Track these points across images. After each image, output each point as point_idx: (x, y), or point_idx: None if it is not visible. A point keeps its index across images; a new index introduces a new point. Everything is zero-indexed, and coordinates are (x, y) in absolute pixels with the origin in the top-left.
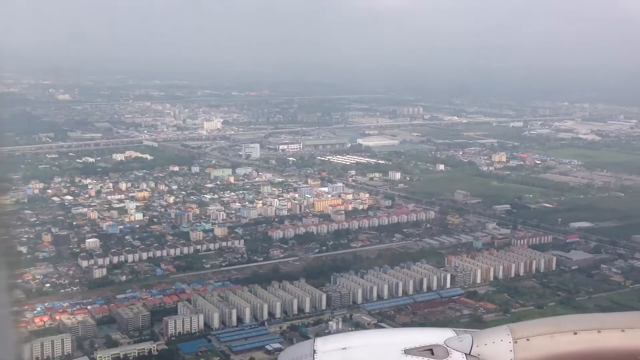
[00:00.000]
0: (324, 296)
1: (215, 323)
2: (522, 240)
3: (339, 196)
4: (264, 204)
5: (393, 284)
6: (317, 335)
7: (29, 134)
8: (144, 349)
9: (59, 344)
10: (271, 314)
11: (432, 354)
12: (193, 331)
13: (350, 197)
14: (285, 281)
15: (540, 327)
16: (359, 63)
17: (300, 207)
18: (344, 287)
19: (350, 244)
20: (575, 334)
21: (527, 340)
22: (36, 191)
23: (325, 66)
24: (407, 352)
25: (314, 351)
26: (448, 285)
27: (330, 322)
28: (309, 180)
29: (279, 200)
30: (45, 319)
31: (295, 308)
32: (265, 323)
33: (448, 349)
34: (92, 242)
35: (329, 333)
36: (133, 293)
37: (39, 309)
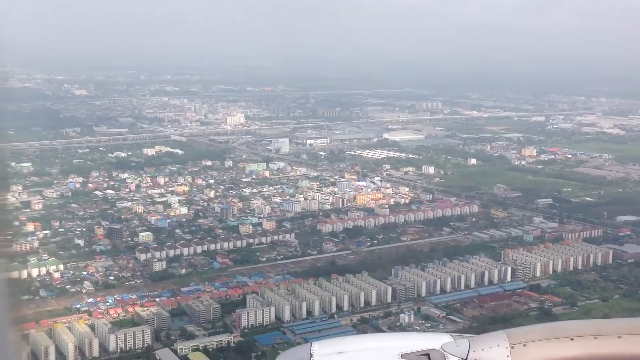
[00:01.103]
0: (389, 289)
1: (287, 316)
2: (573, 234)
3: (378, 190)
4: (305, 198)
5: (455, 277)
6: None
7: (56, 129)
8: (221, 341)
9: (140, 335)
10: (339, 307)
11: (429, 358)
12: (265, 323)
13: (390, 191)
14: (348, 274)
15: (537, 332)
16: (367, 58)
17: (343, 201)
18: (407, 280)
19: (401, 238)
20: (571, 339)
21: (524, 345)
22: (77, 185)
23: (332, 61)
24: (403, 356)
25: (311, 355)
26: (509, 278)
27: (402, 315)
28: (345, 174)
29: (321, 194)
30: (119, 310)
31: (362, 301)
32: (335, 316)
33: (445, 353)
34: (145, 236)
35: (401, 326)
36: (196, 286)
37: (110, 301)
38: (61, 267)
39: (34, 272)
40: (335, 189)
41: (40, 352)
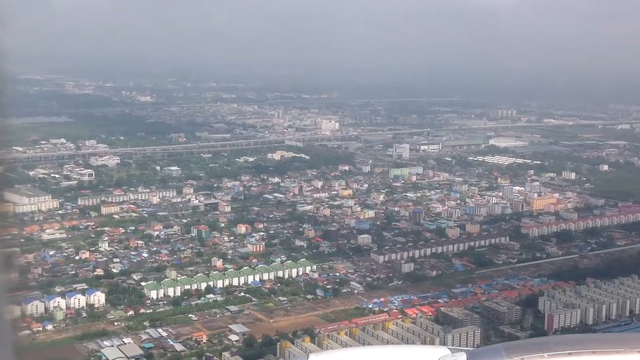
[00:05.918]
0: None
1: (590, 318)
2: None
3: (540, 194)
4: (479, 203)
5: None
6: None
7: (159, 134)
8: None
9: (471, 335)
10: (630, 310)
11: None
12: (571, 325)
13: (557, 195)
14: (621, 277)
15: (534, 347)
16: (395, 66)
17: (522, 205)
18: None
19: (615, 242)
20: (569, 354)
21: None
22: (241, 189)
23: (359, 70)
24: None
25: None
26: None
27: None
28: (498, 179)
29: (496, 198)
30: (415, 311)
31: None
32: (634, 319)
33: None
34: (364, 238)
35: None
36: (463, 288)
37: (395, 301)
38: (314, 267)
39: (294, 273)
40: (500, 194)
41: None
